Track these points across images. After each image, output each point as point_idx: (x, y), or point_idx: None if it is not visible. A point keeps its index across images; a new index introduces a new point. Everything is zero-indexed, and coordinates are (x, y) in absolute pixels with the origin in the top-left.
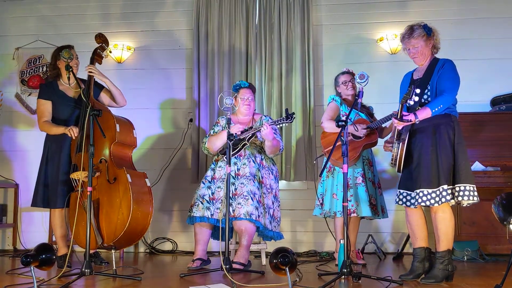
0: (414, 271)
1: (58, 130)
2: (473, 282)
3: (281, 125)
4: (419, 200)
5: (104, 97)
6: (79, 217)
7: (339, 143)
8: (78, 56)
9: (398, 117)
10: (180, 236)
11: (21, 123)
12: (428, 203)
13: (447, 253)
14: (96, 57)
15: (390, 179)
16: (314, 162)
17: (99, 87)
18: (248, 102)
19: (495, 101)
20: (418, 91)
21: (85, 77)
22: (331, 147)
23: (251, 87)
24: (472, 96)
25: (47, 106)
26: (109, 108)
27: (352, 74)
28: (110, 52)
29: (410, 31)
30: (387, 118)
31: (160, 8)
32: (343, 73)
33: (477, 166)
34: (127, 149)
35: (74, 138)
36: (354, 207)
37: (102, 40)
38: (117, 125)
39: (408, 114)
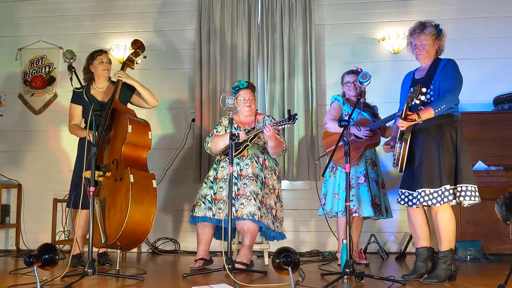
0: (417, 271)
1: (83, 133)
2: (476, 282)
3: (283, 126)
4: (421, 200)
5: (133, 99)
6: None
7: (341, 143)
8: (110, 60)
9: (403, 116)
10: (183, 236)
11: (24, 123)
12: (430, 202)
13: (449, 252)
14: (128, 62)
15: (394, 179)
16: (316, 162)
17: (131, 89)
18: (249, 103)
19: (498, 101)
20: (424, 90)
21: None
22: (332, 147)
23: (250, 87)
24: (475, 96)
25: (76, 110)
26: (140, 108)
27: (358, 73)
28: (145, 57)
29: (421, 27)
30: (390, 118)
31: (162, 8)
32: (348, 72)
33: (480, 165)
34: (140, 150)
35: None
36: (356, 207)
37: (137, 46)
38: (129, 126)
39: (412, 114)
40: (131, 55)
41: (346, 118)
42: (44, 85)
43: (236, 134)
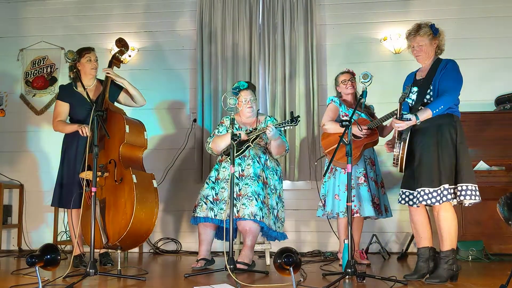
0: (418, 271)
1: (72, 128)
2: (478, 282)
3: (285, 127)
4: (420, 199)
5: (121, 97)
6: (89, 217)
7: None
8: (97, 58)
9: (398, 116)
10: (184, 236)
11: (26, 124)
12: (429, 202)
13: (451, 252)
14: (115, 61)
15: (394, 179)
16: (315, 163)
17: (119, 88)
18: (250, 104)
19: (499, 100)
20: (415, 89)
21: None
22: (331, 148)
23: (251, 87)
24: (477, 95)
25: (63, 107)
26: (128, 107)
27: (352, 74)
28: (130, 56)
29: (416, 29)
30: (387, 117)
31: (163, 8)
32: (342, 72)
33: (481, 165)
34: (137, 150)
35: (84, 135)
36: (357, 207)
37: (122, 44)
38: (127, 127)
39: (408, 114)
40: (117, 54)
41: (344, 119)
42: (45, 85)
43: (238, 134)
